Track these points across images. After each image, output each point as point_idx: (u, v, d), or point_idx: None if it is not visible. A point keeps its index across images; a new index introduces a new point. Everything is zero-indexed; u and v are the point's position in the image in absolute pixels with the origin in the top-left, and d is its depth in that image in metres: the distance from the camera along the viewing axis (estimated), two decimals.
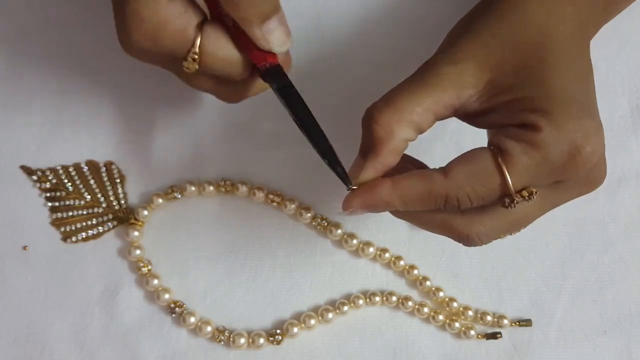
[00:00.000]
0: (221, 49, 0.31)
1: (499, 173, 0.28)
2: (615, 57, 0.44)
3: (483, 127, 0.31)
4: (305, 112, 0.31)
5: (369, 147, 0.30)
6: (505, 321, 0.41)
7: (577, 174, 0.28)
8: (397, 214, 0.31)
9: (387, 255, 0.42)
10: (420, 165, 0.34)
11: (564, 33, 0.29)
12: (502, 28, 0.29)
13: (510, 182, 0.28)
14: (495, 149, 0.28)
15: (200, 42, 0.31)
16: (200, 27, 0.31)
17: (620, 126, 0.44)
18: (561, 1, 0.30)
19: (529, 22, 0.29)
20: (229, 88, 0.35)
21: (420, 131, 0.30)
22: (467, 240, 0.31)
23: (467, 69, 0.29)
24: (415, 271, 0.42)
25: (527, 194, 0.28)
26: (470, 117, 0.31)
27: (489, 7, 0.31)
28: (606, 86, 0.44)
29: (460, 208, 0.29)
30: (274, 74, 0.32)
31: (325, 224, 0.42)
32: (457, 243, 0.42)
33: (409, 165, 0.33)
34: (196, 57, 0.31)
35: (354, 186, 0.30)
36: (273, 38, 0.31)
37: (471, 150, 0.29)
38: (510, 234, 0.31)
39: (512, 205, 0.28)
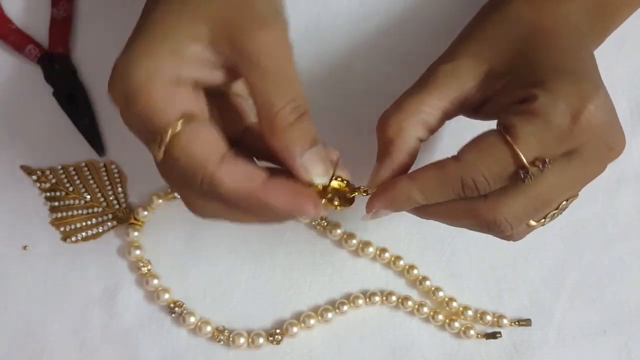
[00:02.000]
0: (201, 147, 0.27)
1: (508, 146, 0.28)
2: (615, 57, 0.44)
3: (491, 118, 0.31)
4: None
5: (384, 152, 0.31)
6: (505, 321, 0.41)
7: (586, 136, 0.28)
8: (423, 212, 0.32)
9: (386, 255, 0.42)
10: None
11: (551, 21, 0.31)
12: (492, 25, 0.32)
13: (520, 153, 0.28)
14: (500, 127, 0.29)
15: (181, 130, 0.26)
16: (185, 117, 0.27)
17: None
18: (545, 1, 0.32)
19: (518, 17, 0.32)
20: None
21: (431, 130, 0.32)
22: (496, 226, 0.30)
23: (465, 64, 0.31)
24: (415, 271, 0.42)
25: (540, 163, 0.28)
26: (477, 110, 0.32)
27: (477, 16, 0.34)
28: (605, 86, 0.44)
29: (479, 190, 0.29)
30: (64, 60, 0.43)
31: (325, 224, 0.42)
32: (457, 242, 0.42)
33: None
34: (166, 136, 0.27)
35: (372, 189, 0.31)
36: (313, 168, 0.29)
37: (479, 135, 0.30)
38: (543, 221, 0.32)
39: (529, 177, 0.28)
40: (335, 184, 0.30)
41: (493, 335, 0.41)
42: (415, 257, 0.42)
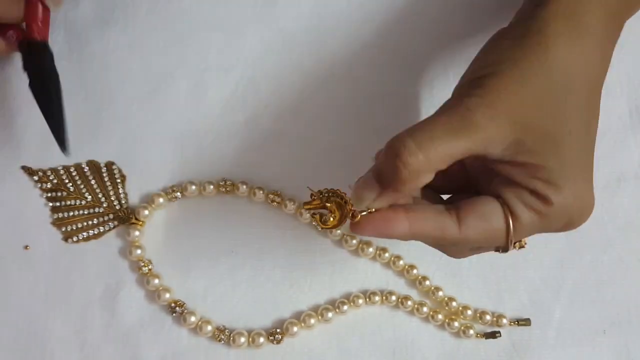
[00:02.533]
0: None
1: (506, 234, 0.30)
2: (614, 58, 0.44)
3: (490, 173, 0.31)
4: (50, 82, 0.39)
5: (388, 178, 0.29)
6: (504, 320, 0.41)
7: (564, 229, 0.32)
8: None
9: (386, 254, 0.42)
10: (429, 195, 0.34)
11: (587, 82, 0.30)
12: (531, 75, 0.29)
13: (512, 240, 0.30)
14: (505, 207, 0.30)
15: None
16: None
17: (619, 127, 0.44)
18: (588, 44, 0.30)
19: (555, 67, 0.29)
20: None
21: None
22: (455, 258, 0.35)
23: (503, 128, 0.28)
24: (415, 271, 0.42)
25: (519, 247, 0.33)
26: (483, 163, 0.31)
27: (519, 43, 0.30)
28: (605, 87, 0.43)
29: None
30: (41, 49, 0.39)
31: None
32: None
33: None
34: None
35: (363, 209, 0.30)
36: None
37: (484, 202, 0.30)
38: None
39: (504, 252, 0.31)
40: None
41: (492, 335, 0.41)
42: (415, 256, 0.42)
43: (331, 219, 0.30)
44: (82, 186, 0.43)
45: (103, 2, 0.44)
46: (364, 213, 0.30)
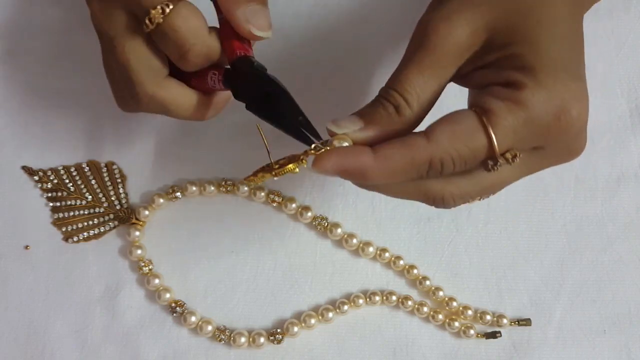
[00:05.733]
0: (194, 19, 0.30)
1: (485, 133, 0.27)
2: (614, 58, 0.44)
3: (470, 87, 0.30)
4: (285, 91, 0.30)
5: (380, 118, 0.28)
6: (505, 320, 0.41)
7: (560, 138, 0.28)
8: (366, 186, 0.30)
9: (387, 254, 0.42)
10: None
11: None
12: None
13: (495, 143, 0.26)
14: (479, 110, 0.27)
15: (177, 3, 0.30)
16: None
17: (619, 127, 0.44)
18: None
19: None
20: (154, 80, 0.33)
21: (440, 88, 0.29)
22: (441, 202, 0.29)
23: (466, 31, 0.28)
24: (415, 271, 0.42)
25: (510, 157, 0.27)
26: (461, 76, 0.30)
27: None
28: (605, 87, 0.44)
29: (442, 174, 0.28)
30: (248, 60, 0.31)
31: (325, 224, 0.42)
32: (457, 242, 0.42)
33: None
34: (167, 9, 0.30)
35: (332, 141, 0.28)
36: (255, 20, 0.31)
37: (453, 112, 0.28)
38: (480, 199, 0.31)
39: (496, 168, 0.27)
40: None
41: (493, 335, 0.41)
42: (416, 256, 0.42)
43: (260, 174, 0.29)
44: (82, 186, 0.43)
45: None
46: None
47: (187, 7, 0.31)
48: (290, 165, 0.29)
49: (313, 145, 0.29)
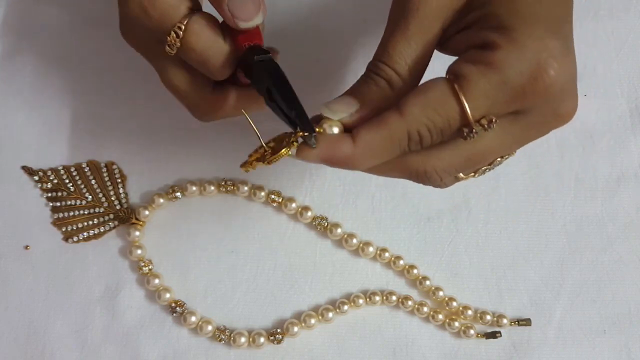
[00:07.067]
0: (206, 33, 0.31)
1: (456, 100, 0.26)
2: (614, 58, 0.44)
3: (454, 53, 0.29)
4: (284, 82, 0.30)
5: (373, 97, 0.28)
6: (505, 320, 0.41)
7: (540, 100, 0.26)
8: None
9: (387, 254, 0.42)
10: None
11: None
12: None
13: (468, 109, 0.26)
14: (452, 76, 0.26)
15: (187, 22, 0.30)
16: (191, 11, 0.31)
17: (619, 127, 0.44)
18: None
19: None
20: (202, 95, 0.34)
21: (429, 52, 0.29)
22: (425, 177, 0.29)
23: None
24: (415, 271, 0.42)
25: (485, 122, 0.26)
26: (445, 42, 0.29)
27: None
28: (605, 87, 0.44)
29: (423, 145, 0.27)
30: (254, 50, 0.31)
31: (325, 224, 0.42)
32: (457, 242, 0.42)
33: None
34: (180, 32, 0.30)
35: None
36: (239, 12, 0.30)
37: (426, 81, 0.27)
38: (474, 175, 0.30)
39: (472, 135, 0.26)
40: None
41: (493, 335, 0.41)
42: (416, 256, 0.42)
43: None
44: (82, 186, 0.43)
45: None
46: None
47: (198, 22, 0.31)
48: (283, 151, 0.29)
49: (300, 133, 0.28)
